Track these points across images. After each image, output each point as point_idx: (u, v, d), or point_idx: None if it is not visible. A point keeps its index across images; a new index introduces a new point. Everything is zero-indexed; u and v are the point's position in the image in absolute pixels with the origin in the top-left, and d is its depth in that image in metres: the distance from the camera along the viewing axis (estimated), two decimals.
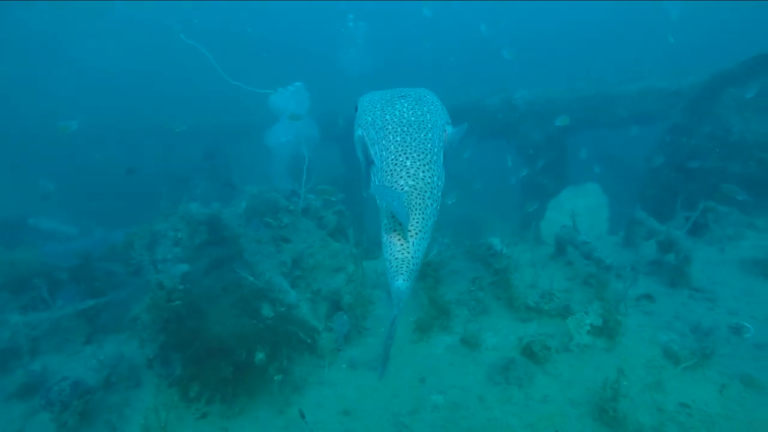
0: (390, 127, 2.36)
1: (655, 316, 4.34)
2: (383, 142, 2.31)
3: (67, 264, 5.49)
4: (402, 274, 1.92)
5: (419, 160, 2.20)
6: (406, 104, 2.48)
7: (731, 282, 4.69)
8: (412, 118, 2.39)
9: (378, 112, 2.49)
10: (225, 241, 4.93)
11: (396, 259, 1.95)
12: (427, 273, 4.67)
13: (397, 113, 2.45)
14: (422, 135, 2.33)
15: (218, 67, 5.08)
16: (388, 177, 2.17)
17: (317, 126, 12.62)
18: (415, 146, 2.25)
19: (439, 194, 2.22)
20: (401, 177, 2.15)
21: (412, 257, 1.96)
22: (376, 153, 2.31)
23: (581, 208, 5.88)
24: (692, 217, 4.95)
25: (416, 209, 2.08)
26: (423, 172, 2.16)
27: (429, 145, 2.30)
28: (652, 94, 10.14)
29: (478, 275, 5.04)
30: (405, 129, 2.33)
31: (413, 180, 2.13)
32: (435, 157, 2.25)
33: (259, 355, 3.40)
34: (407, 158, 2.20)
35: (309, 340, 3.91)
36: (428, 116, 2.42)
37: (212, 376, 3.25)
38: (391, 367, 4.11)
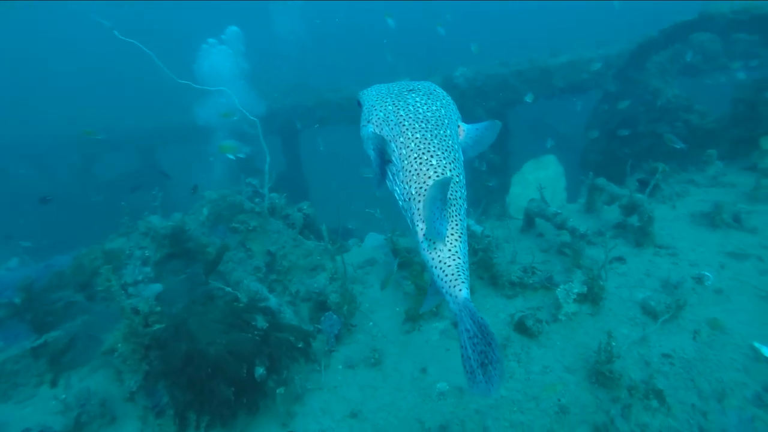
0: (407, 123, 2.23)
1: (628, 276, 4.57)
2: (401, 139, 2.18)
3: (4, 299, 4.90)
4: (463, 281, 1.83)
5: (445, 158, 2.10)
6: (418, 98, 2.36)
7: (686, 235, 5.04)
8: (429, 114, 2.28)
9: (390, 107, 2.35)
10: (190, 252, 4.60)
11: (449, 266, 1.85)
12: (413, 260, 4.62)
13: (411, 108, 2.32)
14: (442, 131, 2.22)
15: (161, 65, 4.65)
16: (414, 177, 2.06)
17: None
18: (438, 143, 2.15)
19: (465, 194, 2.15)
20: (430, 177, 2.04)
21: (464, 261, 1.88)
22: (393, 151, 2.18)
23: (542, 180, 6.06)
24: (652, 180, 5.24)
25: (452, 210, 2.00)
26: (450, 170, 2.07)
27: (450, 141, 2.20)
28: (582, 64, 10.63)
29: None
30: (423, 125, 2.21)
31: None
32: (458, 155, 2.16)
33: (260, 370, 3.21)
34: (432, 156, 2.09)
35: (303, 346, 3.75)
36: (443, 111, 2.31)
37: (212, 399, 3.02)
38: (389, 362, 4.05)
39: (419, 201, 1.98)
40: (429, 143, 2.12)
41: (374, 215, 5.20)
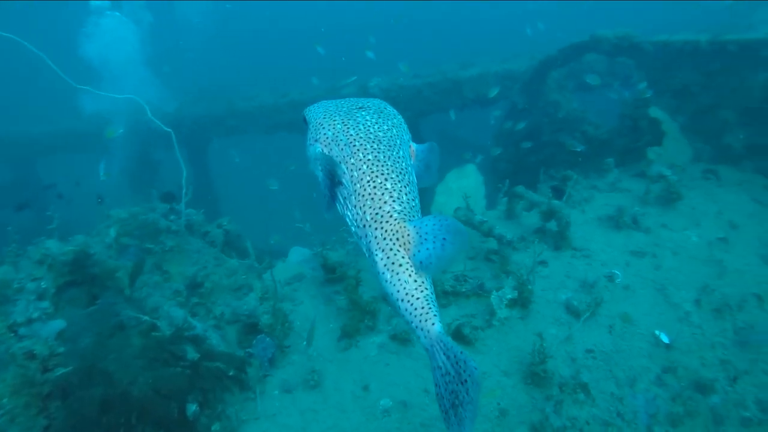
0: (358, 143, 2.11)
1: (551, 278, 4.85)
2: (352, 160, 2.06)
3: None
4: (435, 314, 1.72)
5: (400, 181, 2.01)
6: (368, 117, 2.25)
7: (596, 237, 5.48)
8: (380, 134, 2.17)
9: (340, 126, 2.21)
10: (97, 279, 4.09)
11: (417, 298, 1.73)
12: (347, 274, 4.50)
13: (362, 127, 2.20)
14: (395, 152, 2.13)
15: (55, 68, 4.07)
16: (369, 202, 1.95)
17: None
18: (391, 165, 2.05)
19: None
20: (385, 202, 1.94)
21: (431, 292, 1.78)
22: (344, 173, 2.06)
23: (465, 188, 6.27)
24: (567, 188, 5.64)
25: None
26: (406, 194, 1.99)
27: (404, 163, 2.12)
28: (490, 77, 11.27)
29: None
30: (376, 146, 2.11)
31: (399, 204, 1.94)
32: (412, 178, 2.08)
33: (192, 407, 2.90)
34: (387, 180, 2.00)
35: (236, 373, 3.48)
36: (395, 131, 2.22)
37: None
38: (329, 382, 3.89)
39: (376, 228, 1.90)
40: (382, 165, 2.03)
41: (303, 229, 5.02)
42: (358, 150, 2.07)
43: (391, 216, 1.88)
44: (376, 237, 1.86)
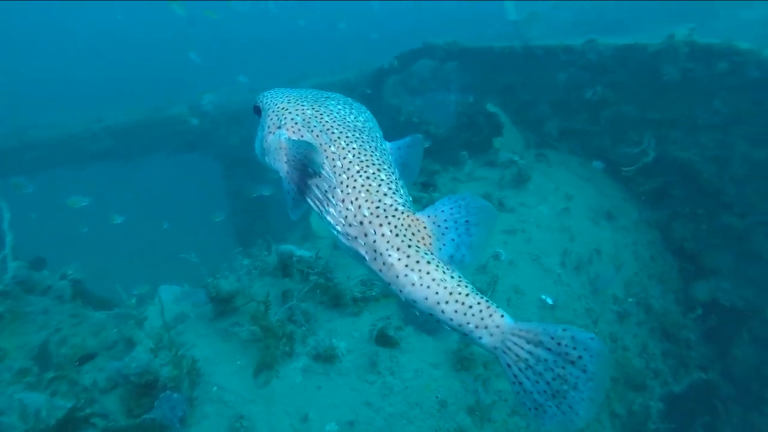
0: (336, 131, 1.86)
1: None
2: (332, 149, 1.80)
3: None
4: (496, 306, 1.54)
5: (393, 173, 1.82)
6: (340, 107, 2.00)
7: None
8: (358, 124, 1.95)
9: (310, 111, 1.92)
10: None
11: (466, 295, 1.53)
12: (253, 300, 4.02)
13: (337, 116, 1.95)
14: (378, 144, 1.93)
15: None
16: (363, 194, 1.70)
17: None
18: (380, 156, 1.85)
19: None
20: (385, 194, 1.72)
21: (473, 286, 1.61)
22: (323, 163, 1.78)
23: None
24: (436, 182, 5.95)
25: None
26: (401, 187, 1.80)
27: (389, 157, 1.92)
28: (326, 88, 11.38)
29: (287, 288, 4.67)
30: (357, 135, 1.87)
31: (400, 197, 1.74)
32: (399, 174, 1.90)
33: None
34: (380, 170, 1.78)
35: None
36: (370, 124, 2.02)
37: None
38: (262, 424, 3.39)
39: (381, 225, 1.67)
40: (371, 155, 1.81)
41: (188, 260, 4.33)
42: (338, 138, 1.83)
43: (396, 209, 1.68)
44: (383, 235, 1.63)
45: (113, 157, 11.22)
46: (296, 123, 1.92)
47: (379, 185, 1.73)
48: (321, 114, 1.92)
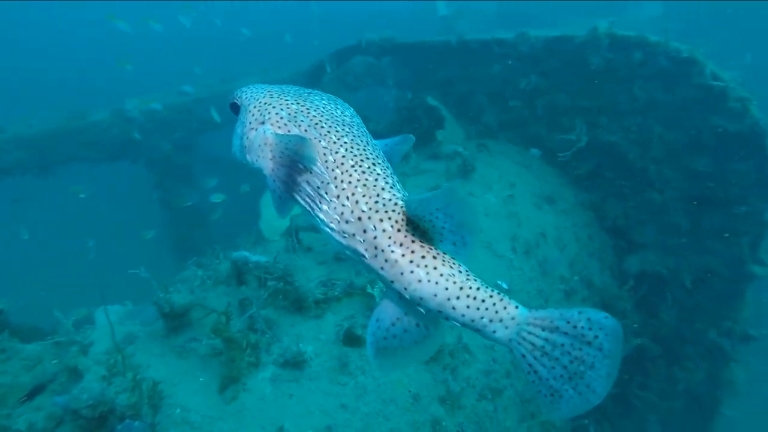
0: (325, 125, 1.79)
1: None
2: (322, 143, 1.74)
3: None
4: (509, 297, 1.53)
5: (387, 168, 1.78)
6: (325, 102, 1.93)
7: None
8: (346, 119, 1.89)
9: (295, 106, 1.84)
10: None
11: (477, 288, 1.52)
12: (192, 319, 3.84)
13: (324, 111, 1.88)
14: (368, 139, 1.88)
15: None
16: (360, 189, 1.65)
17: None
18: (372, 150, 1.80)
19: None
20: (383, 188, 1.67)
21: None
22: (314, 158, 1.71)
23: None
24: None
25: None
26: (397, 182, 1.76)
27: (381, 152, 1.87)
28: None
29: (244, 297, 4.49)
30: (348, 129, 1.82)
31: (398, 191, 1.70)
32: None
33: None
34: (375, 164, 1.74)
35: None
36: (357, 120, 1.96)
37: None
38: None
39: (382, 220, 1.63)
40: (364, 149, 1.77)
41: (138, 275, 4.03)
42: (328, 132, 1.77)
43: (396, 204, 1.65)
44: (385, 230, 1.59)
45: (24, 170, 10.23)
46: (281, 118, 1.84)
47: (376, 179, 1.69)
48: (307, 108, 1.86)
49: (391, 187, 1.69)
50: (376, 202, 1.64)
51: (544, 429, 5.13)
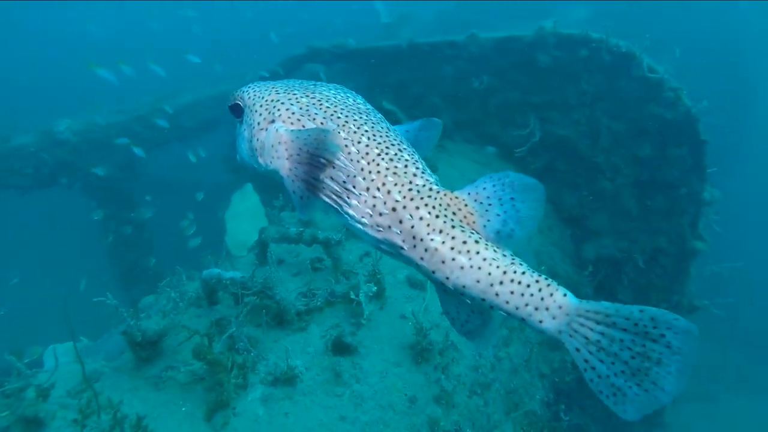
0: (342, 114, 1.71)
1: (381, 263, 5.03)
2: (342, 134, 1.66)
3: None
4: (557, 283, 1.44)
5: (414, 153, 1.72)
6: (334, 91, 1.85)
7: None
8: (360, 106, 1.81)
9: (306, 99, 1.74)
10: None
11: (523, 273, 1.44)
12: (196, 336, 3.59)
13: (336, 99, 1.81)
14: (387, 125, 1.81)
15: None
16: (390, 177, 1.57)
17: None
18: (395, 137, 1.74)
19: None
20: (414, 174, 1.61)
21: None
22: (336, 151, 1.63)
23: (252, 208, 5.83)
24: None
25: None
26: (426, 168, 1.70)
27: (403, 138, 1.81)
28: (208, 102, 10.65)
29: (220, 316, 4.26)
30: (365, 117, 1.75)
31: (429, 176, 1.65)
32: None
33: None
34: (402, 150, 1.68)
35: None
36: (369, 106, 1.89)
37: None
38: None
39: (418, 207, 1.55)
40: (386, 136, 1.70)
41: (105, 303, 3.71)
42: (346, 122, 1.69)
43: (431, 189, 1.59)
44: (422, 218, 1.53)
45: None
46: (293, 113, 1.74)
47: (406, 166, 1.62)
48: (318, 100, 1.77)
49: (423, 173, 1.65)
50: (410, 189, 1.58)
51: (527, 418, 5.22)
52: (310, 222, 5.93)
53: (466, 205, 1.59)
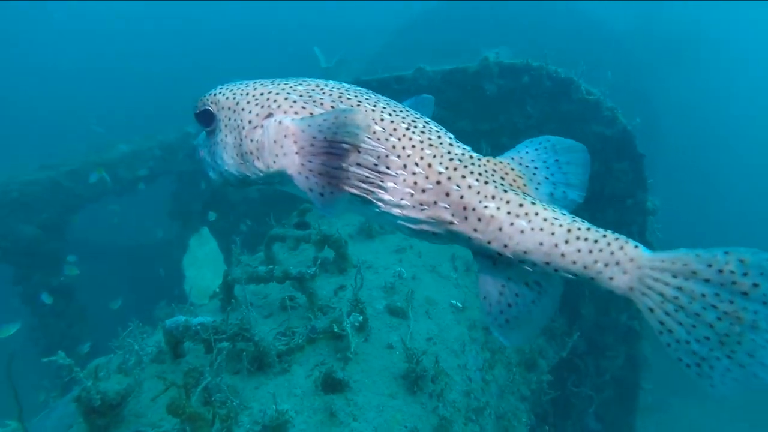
0: (351, 95, 1.63)
1: (361, 291, 4.82)
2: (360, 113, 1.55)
3: None
4: (625, 237, 1.34)
5: (437, 124, 1.64)
6: (323, 80, 1.75)
7: (363, 250, 5.81)
8: (360, 88, 1.72)
9: (301, 87, 1.62)
10: None
11: (587, 229, 1.36)
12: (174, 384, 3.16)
13: (335, 84, 1.71)
14: (396, 102, 1.73)
15: None
16: (427, 150, 1.48)
17: None
18: (413, 111, 1.66)
19: None
20: (450, 144, 1.57)
21: None
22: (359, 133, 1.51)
23: (210, 253, 5.46)
24: (306, 218, 5.73)
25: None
26: (454, 139, 1.64)
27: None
28: (146, 153, 10.08)
29: (190, 367, 3.83)
30: (373, 96, 1.66)
31: (464, 144, 1.60)
32: None
33: None
34: (427, 122, 1.60)
35: None
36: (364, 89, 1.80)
37: None
38: None
39: (464, 176, 1.45)
40: (406, 111, 1.64)
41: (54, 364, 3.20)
42: (359, 102, 1.59)
43: (471, 156, 1.51)
44: (471, 186, 1.44)
45: None
46: (294, 101, 1.59)
47: (439, 137, 1.54)
48: (318, 86, 1.65)
49: (457, 142, 1.59)
50: (451, 159, 1.49)
51: None
52: (274, 259, 5.63)
53: (512, 169, 1.53)
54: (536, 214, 1.42)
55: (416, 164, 1.48)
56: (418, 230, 1.53)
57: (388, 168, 1.48)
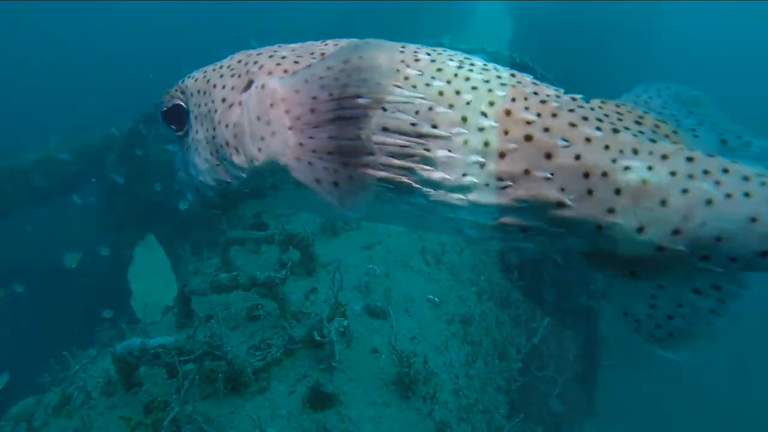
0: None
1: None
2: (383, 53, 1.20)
3: None
4: None
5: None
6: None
7: (330, 249, 5.41)
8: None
9: (292, 44, 1.26)
10: None
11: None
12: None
13: (321, 42, 1.36)
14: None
15: None
16: (499, 93, 1.15)
17: None
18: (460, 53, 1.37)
19: None
20: (535, 83, 1.34)
21: None
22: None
23: (158, 262, 4.89)
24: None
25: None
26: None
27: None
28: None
29: (151, 398, 3.32)
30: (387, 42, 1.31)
31: (555, 88, 1.33)
32: None
33: None
34: (472, 58, 1.28)
35: None
36: None
37: None
38: None
39: (574, 124, 1.10)
40: (445, 50, 1.34)
41: None
42: (379, 44, 1.23)
43: (574, 98, 1.17)
44: (590, 138, 1.03)
45: None
46: (283, 57, 1.18)
47: (513, 74, 1.13)
48: (311, 42, 1.30)
49: (538, 79, 1.26)
50: (544, 101, 1.07)
51: None
52: (231, 265, 5.14)
53: (646, 113, 1.06)
54: (725, 171, 0.95)
55: (484, 114, 0.99)
56: (499, 227, 1.06)
57: (435, 127, 1.00)
